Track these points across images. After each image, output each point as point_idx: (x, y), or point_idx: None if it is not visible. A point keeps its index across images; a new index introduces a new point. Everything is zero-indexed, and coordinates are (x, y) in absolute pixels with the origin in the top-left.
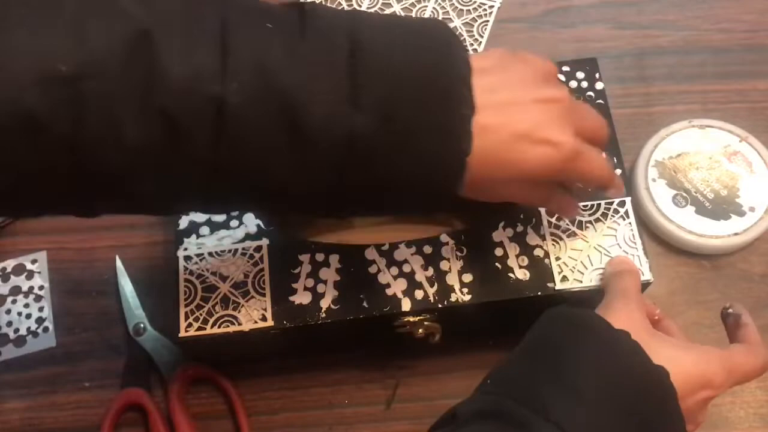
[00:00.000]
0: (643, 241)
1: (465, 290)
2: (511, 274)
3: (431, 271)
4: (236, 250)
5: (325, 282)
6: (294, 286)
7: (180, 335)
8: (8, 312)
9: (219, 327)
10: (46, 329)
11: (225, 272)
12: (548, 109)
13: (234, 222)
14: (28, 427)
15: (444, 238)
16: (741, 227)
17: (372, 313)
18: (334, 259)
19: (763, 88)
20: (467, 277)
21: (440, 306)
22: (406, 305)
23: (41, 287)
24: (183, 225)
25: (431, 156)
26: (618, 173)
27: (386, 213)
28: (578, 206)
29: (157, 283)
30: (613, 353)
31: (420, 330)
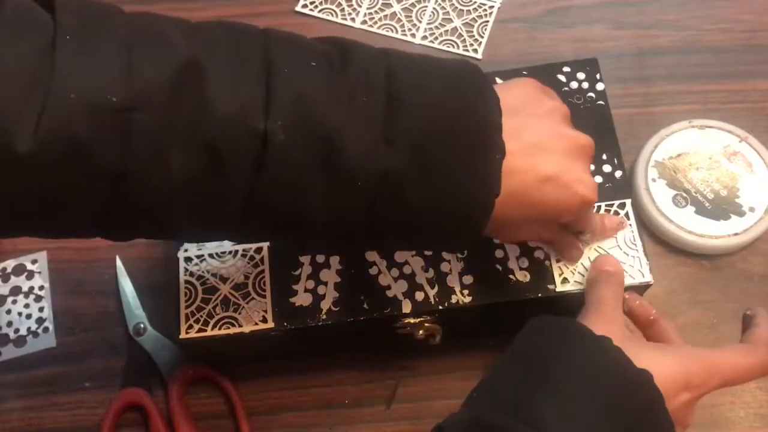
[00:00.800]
0: (643, 242)
1: (465, 292)
2: (512, 276)
3: (432, 273)
4: (237, 252)
5: (326, 283)
6: (294, 288)
7: (180, 337)
8: (8, 312)
9: (219, 329)
10: (46, 329)
11: (225, 274)
12: (571, 152)
13: None
14: (28, 427)
15: None
16: (741, 227)
17: (372, 315)
18: (335, 261)
19: (763, 88)
20: (468, 279)
21: (441, 308)
22: (407, 307)
23: (41, 287)
24: None
25: (462, 197)
26: (618, 176)
27: (414, 249)
28: (582, 251)
29: (158, 284)
30: (599, 359)
31: (420, 331)
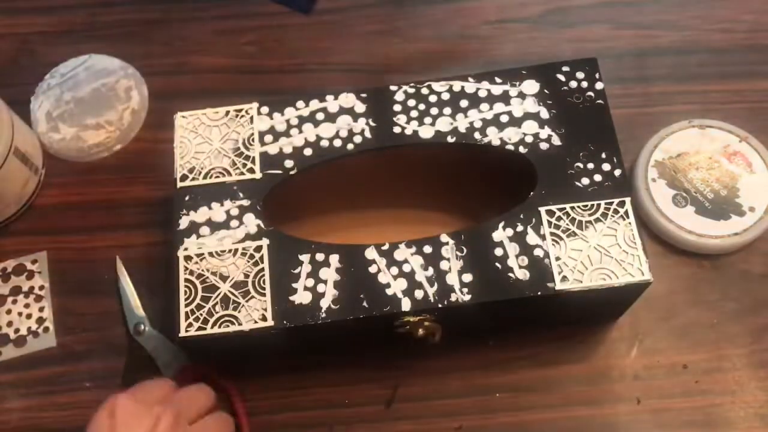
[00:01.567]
0: (643, 241)
1: (465, 290)
2: (511, 274)
3: (431, 271)
4: (236, 250)
5: (326, 282)
6: (294, 286)
7: (180, 335)
8: (8, 312)
9: (219, 327)
10: (47, 329)
11: (225, 272)
12: None
13: (234, 222)
14: (28, 427)
15: (444, 238)
16: (741, 227)
17: (372, 313)
18: (334, 259)
19: (763, 88)
20: (467, 277)
21: (440, 306)
22: (406, 305)
23: (41, 287)
24: (183, 225)
25: None
26: (618, 174)
27: None
28: None
29: (158, 283)
30: None
31: (420, 330)
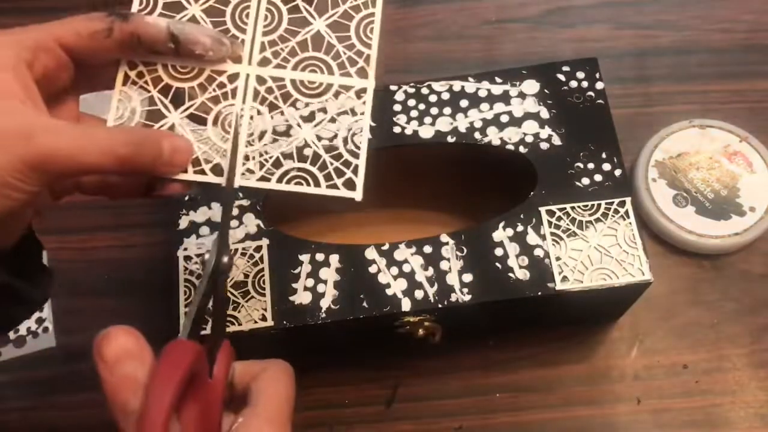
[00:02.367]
0: (643, 241)
1: (465, 290)
2: (511, 274)
3: (431, 271)
4: (236, 250)
5: (325, 282)
6: (294, 286)
7: (180, 336)
8: None
9: None
10: (46, 329)
11: None
12: None
13: (234, 222)
14: (28, 427)
15: (444, 238)
16: (741, 227)
17: (372, 313)
18: (334, 259)
19: (763, 88)
20: (467, 277)
21: (440, 306)
22: (406, 305)
23: None
24: (183, 225)
25: None
26: (618, 174)
27: None
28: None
29: (158, 283)
30: None
31: (420, 330)
